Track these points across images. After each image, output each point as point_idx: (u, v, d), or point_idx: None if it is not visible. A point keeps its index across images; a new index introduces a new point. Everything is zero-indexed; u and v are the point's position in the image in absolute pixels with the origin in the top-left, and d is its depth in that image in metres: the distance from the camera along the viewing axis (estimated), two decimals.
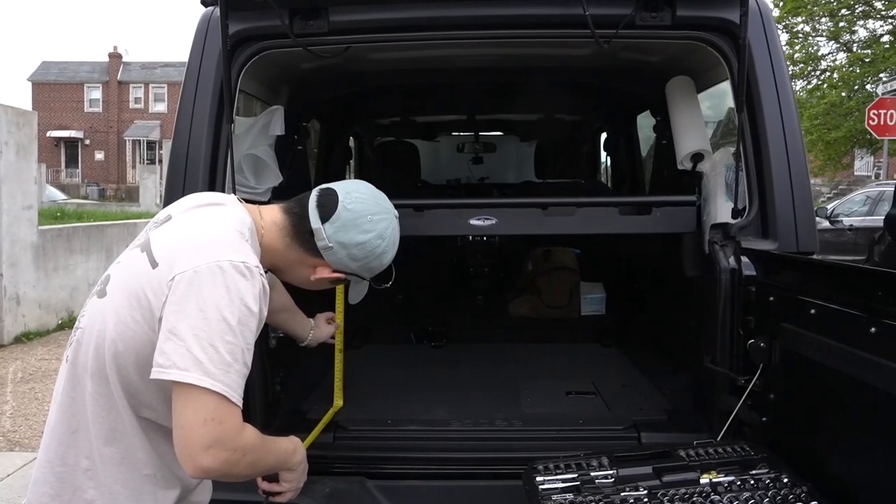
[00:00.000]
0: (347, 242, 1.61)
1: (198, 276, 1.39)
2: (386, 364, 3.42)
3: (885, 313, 1.50)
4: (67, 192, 29.72)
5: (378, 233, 1.64)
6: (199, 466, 1.36)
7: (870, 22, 21.16)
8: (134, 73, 45.11)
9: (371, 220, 1.63)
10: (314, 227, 1.60)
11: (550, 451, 2.00)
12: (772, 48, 2.29)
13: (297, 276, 1.70)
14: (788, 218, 2.21)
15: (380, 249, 1.66)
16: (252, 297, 1.42)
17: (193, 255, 1.42)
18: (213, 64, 2.28)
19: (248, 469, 1.46)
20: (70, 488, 1.50)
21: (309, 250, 1.63)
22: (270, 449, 1.56)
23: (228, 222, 1.53)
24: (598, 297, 4.03)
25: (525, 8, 2.22)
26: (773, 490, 1.69)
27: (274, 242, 1.62)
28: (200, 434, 1.35)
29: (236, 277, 1.40)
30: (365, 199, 1.66)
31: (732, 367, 2.12)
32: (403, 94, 3.85)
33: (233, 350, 1.38)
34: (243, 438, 1.41)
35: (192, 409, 1.35)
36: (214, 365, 1.35)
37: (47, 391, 5.86)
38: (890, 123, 14.81)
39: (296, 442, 1.69)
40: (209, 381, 1.35)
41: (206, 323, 1.36)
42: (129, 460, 1.50)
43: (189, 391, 1.35)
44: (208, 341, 1.36)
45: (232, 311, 1.38)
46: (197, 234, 1.50)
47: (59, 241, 8.31)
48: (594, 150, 5.33)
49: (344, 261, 1.63)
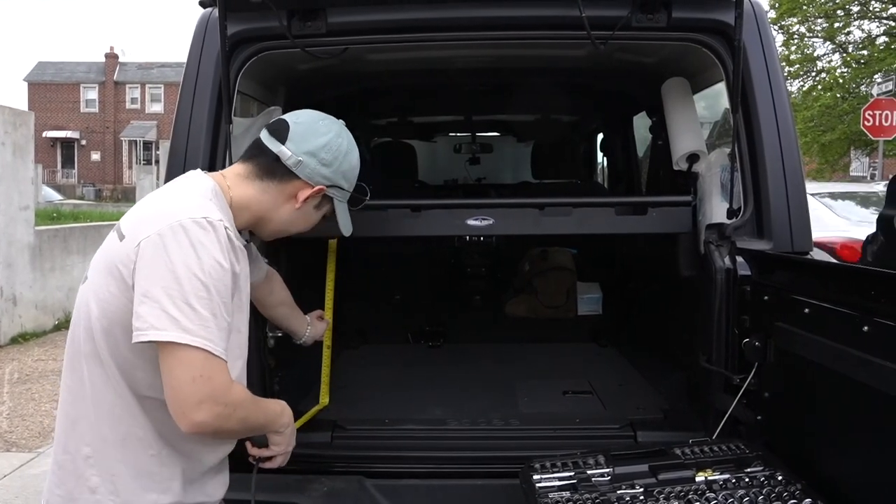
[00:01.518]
0: (312, 149, 1.62)
1: (162, 238, 1.41)
2: (383, 364, 3.42)
3: (878, 312, 1.51)
4: (64, 193, 29.62)
5: (335, 132, 1.67)
6: (192, 422, 1.39)
7: (865, 23, 21.23)
8: (130, 73, 45.04)
9: (324, 123, 1.67)
10: (277, 151, 1.61)
11: (547, 449, 2.01)
12: (766, 49, 2.31)
13: (283, 217, 1.67)
14: (783, 218, 2.22)
15: (344, 147, 1.67)
16: (219, 250, 1.43)
17: (155, 220, 1.45)
18: (212, 64, 2.28)
19: (239, 425, 1.49)
20: (73, 476, 1.52)
21: (282, 178, 1.62)
22: (259, 406, 1.59)
23: (187, 187, 1.57)
24: (594, 297, 4.04)
25: (522, 9, 2.23)
26: (767, 488, 1.71)
27: (246, 192, 1.62)
28: (191, 391, 1.38)
29: (199, 233, 1.42)
30: (308, 113, 1.70)
31: (728, 366, 2.14)
32: (401, 95, 3.86)
33: (209, 305, 1.40)
34: (233, 393, 1.44)
35: (178, 368, 1.38)
36: (192, 321, 1.37)
37: (44, 392, 5.85)
38: (885, 124, 14.86)
39: (282, 405, 1.70)
40: (189, 337, 1.37)
41: (176, 282, 1.38)
42: (131, 441, 1.51)
43: (172, 351, 1.38)
44: (182, 299, 1.38)
45: (201, 267, 1.40)
46: (157, 201, 1.54)
47: (56, 241, 8.30)
48: (590, 151, 5.35)
49: (317, 170, 1.63)
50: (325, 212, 1.74)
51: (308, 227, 1.75)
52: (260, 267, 2.01)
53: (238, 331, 1.59)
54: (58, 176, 42.52)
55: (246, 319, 1.64)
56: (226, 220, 1.50)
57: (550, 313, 4.00)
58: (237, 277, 1.50)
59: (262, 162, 1.63)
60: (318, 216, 1.74)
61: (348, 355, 3.51)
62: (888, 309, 1.49)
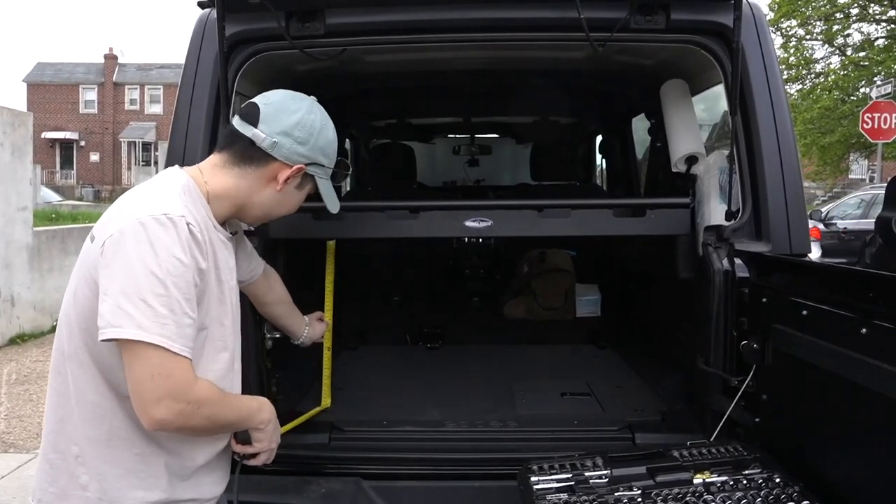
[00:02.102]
0: (285, 128, 1.59)
1: (122, 235, 1.42)
2: (382, 365, 3.42)
3: (877, 314, 1.51)
4: (62, 194, 29.59)
5: (306, 108, 1.63)
6: (153, 419, 1.40)
7: (864, 25, 21.26)
8: (129, 74, 45.01)
9: (293, 101, 1.64)
10: (251, 135, 1.59)
11: (545, 451, 2.01)
12: (765, 52, 2.31)
13: (265, 201, 1.64)
14: (781, 220, 2.22)
15: (318, 123, 1.64)
16: (178, 246, 1.43)
17: (119, 218, 1.46)
18: (210, 65, 2.28)
19: (206, 422, 1.48)
20: (65, 475, 1.53)
21: (259, 162, 1.60)
22: (229, 404, 1.57)
23: (157, 184, 1.56)
24: (592, 299, 4.04)
25: (521, 11, 2.23)
26: (765, 490, 1.70)
27: (223, 181, 1.60)
28: (150, 388, 1.39)
29: (157, 229, 1.42)
30: (278, 92, 1.67)
31: (726, 368, 2.14)
32: (399, 97, 3.86)
33: (166, 302, 1.39)
34: (196, 391, 1.43)
35: (137, 365, 1.39)
36: (147, 318, 1.37)
37: (42, 393, 5.84)
38: (884, 127, 14.89)
39: (260, 401, 1.69)
40: (143, 333, 1.37)
41: (133, 279, 1.39)
42: (116, 441, 1.52)
43: (131, 348, 1.39)
44: (138, 296, 1.38)
45: (159, 264, 1.40)
46: (125, 200, 1.54)
47: (54, 242, 8.30)
48: (589, 153, 5.35)
49: (294, 149, 1.60)
50: (308, 191, 1.71)
51: (293, 209, 1.73)
52: (255, 263, 2.01)
53: (220, 324, 1.58)
54: (56, 177, 42.49)
55: (230, 312, 1.63)
56: (191, 215, 1.48)
57: (549, 315, 4.00)
58: (205, 272, 1.50)
59: (237, 148, 1.61)
60: (301, 197, 1.71)
61: (347, 356, 3.51)
62: (886, 311, 1.49)
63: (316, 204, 1.78)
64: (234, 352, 1.65)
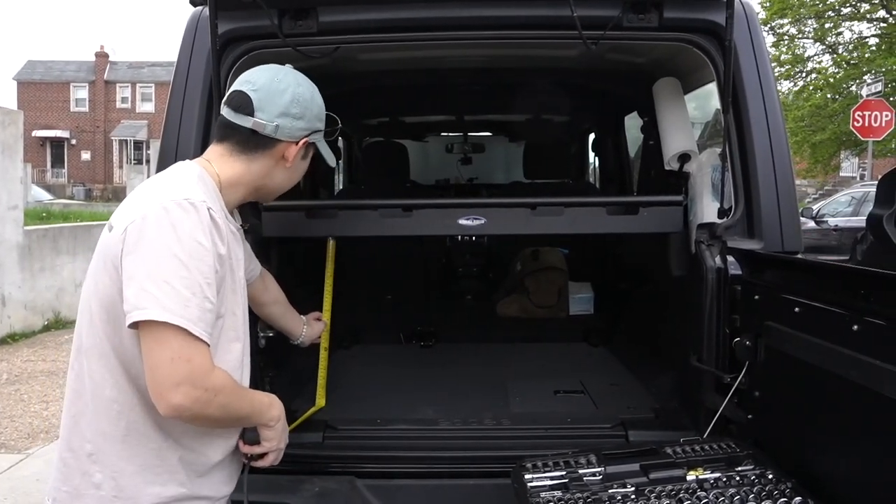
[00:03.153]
0: (282, 110, 1.62)
1: (145, 221, 1.43)
2: (375, 364, 3.42)
3: (868, 311, 1.52)
4: (53, 193, 29.42)
5: (293, 82, 1.66)
6: (169, 404, 1.39)
7: (855, 24, 21.37)
8: (121, 72, 44.76)
9: (277, 81, 1.65)
10: (252, 125, 1.61)
11: (539, 449, 2.01)
12: (757, 50, 2.32)
13: (278, 180, 1.69)
14: (773, 218, 2.24)
15: (307, 93, 1.67)
16: (200, 231, 1.44)
17: (140, 205, 1.47)
18: (203, 63, 2.27)
19: (220, 411, 1.47)
20: (78, 473, 1.53)
21: (265, 147, 1.63)
22: (243, 395, 1.58)
23: (173, 174, 1.58)
24: (586, 297, 4.05)
25: (513, 9, 2.23)
26: (758, 486, 1.71)
27: (234, 169, 1.63)
28: (169, 372, 1.38)
29: (180, 214, 1.43)
30: (257, 73, 1.68)
31: (718, 365, 2.14)
32: (392, 95, 3.86)
33: (189, 285, 1.40)
34: (213, 378, 1.43)
35: (157, 347, 1.38)
36: (171, 300, 1.38)
37: (33, 393, 5.82)
38: (874, 125, 14.97)
39: (272, 398, 1.69)
40: (167, 314, 1.37)
41: (157, 262, 1.39)
42: (133, 436, 1.51)
43: (152, 330, 1.38)
44: (162, 279, 1.38)
45: (182, 248, 1.41)
46: (143, 189, 1.55)
47: (46, 241, 8.25)
48: (582, 151, 5.36)
49: (295, 125, 1.64)
50: (311, 155, 1.76)
51: (300, 177, 1.77)
52: (254, 263, 2.02)
53: (233, 313, 1.59)
54: (47, 175, 42.21)
55: (242, 303, 1.64)
56: (211, 201, 1.50)
57: (542, 313, 4.00)
58: (224, 259, 1.50)
59: (238, 138, 1.63)
60: (307, 163, 1.76)
61: (340, 355, 3.50)
62: (878, 308, 1.49)
63: (309, 203, 1.79)
64: (245, 344, 1.66)
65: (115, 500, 1.50)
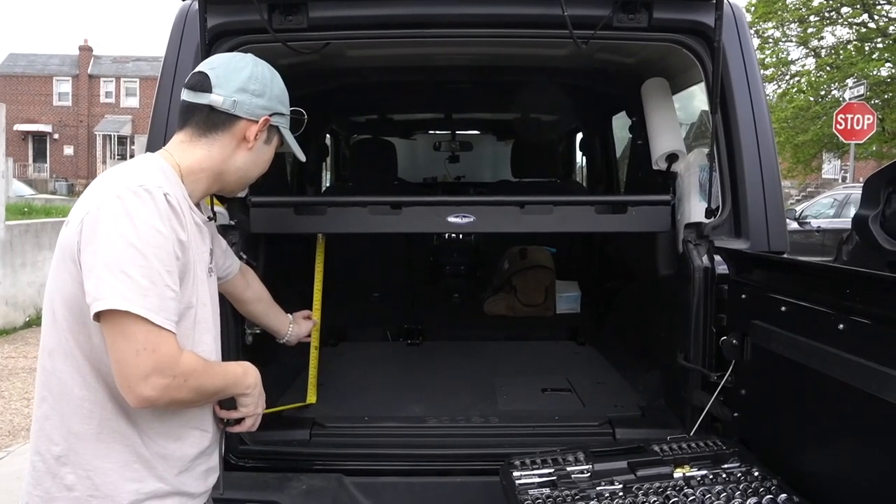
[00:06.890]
0: (240, 85, 1.60)
1: (100, 211, 1.41)
2: (362, 362, 3.41)
3: (853, 311, 1.54)
4: (35, 188, 29.06)
5: (252, 62, 1.65)
6: (140, 396, 1.37)
7: (837, 28, 21.59)
8: (105, 66, 44.28)
9: (236, 59, 1.65)
10: (209, 101, 1.59)
11: (527, 447, 2.02)
12: (745, 51, 2.34)
13: (239, 164, 1.65)
14: (760, 218, 2.26)
15: (267, 73, 1.66)
16: (157, 217, 1.42)
17: (95, 197, 1.45)
18: (191, 58, 2.25)
19: (194, 394, 1.46)
20: (48, 477, 1.50)
21: (225, 125, 1.60)
22: (215, 372, 1.55)
23: (129, 163, 1.56)
24: (573, 296, 4.06)
25: (504, 7, 2.24)
26: (744, 483, 1.73)
27: (194, 155, 1.60)
28: (136, 364, 1.36)
29: (135, 201, 1.41)
30: (217, 56, 1.70)
31: (705, 363, 2.16)
32: (381, 92, 3.85)
33: (147, 274, 1.38)
34: (182, 364, 1.41)
35: (121, 341, 1.37)
36: (130, 290, 1.36)
37: (14, 390, 5.75)
38: (856, 128, 15.13)
39: (245, 366, 1.67)
40: (126, 304, 1.35)
41: (113, 252, 1.37)
42: (107, 433, 1.49)
43: (113, 323, 1.36)
44: (119, 269, 1.36)
45: (138, 236, 1.39)
46: (98, 182, 1.53)
47: (27, 236, 8.15)
48: (570, 150, 5.37)
49: (254, 102, 1.61)
50: (275, 145, 1.73)
51: (266, 167, 1.73)
52: (231, 260, 1.99)
53: (203, 304, 1.57)
54: (29, 170, 41.68)
55: (210, 293, 1.62)
56: (170, 188, 1.47)
57: (529, 311, 4.01)
58: (185, 246, 1.48)
59: (198, 120, 1.61)
60: (271, 151, 1.72)
61: (327, 353, 3.49)
62: (863, 307, 1.51)
63: (298, 199, 1.77)
64: (216, 337, 1.64)
65: (92, 500, 1.48)
